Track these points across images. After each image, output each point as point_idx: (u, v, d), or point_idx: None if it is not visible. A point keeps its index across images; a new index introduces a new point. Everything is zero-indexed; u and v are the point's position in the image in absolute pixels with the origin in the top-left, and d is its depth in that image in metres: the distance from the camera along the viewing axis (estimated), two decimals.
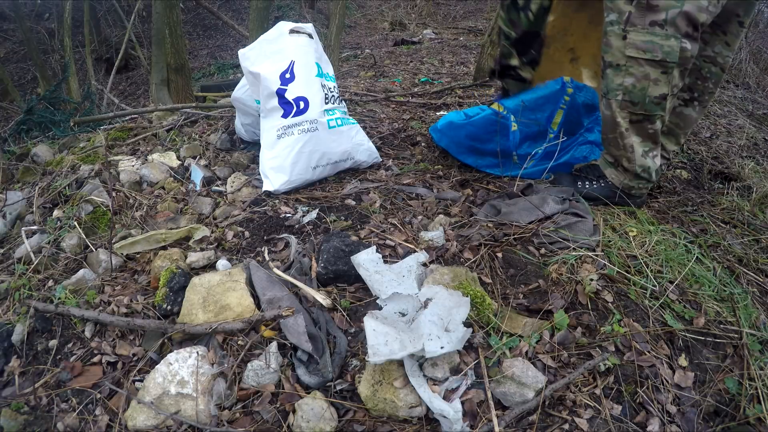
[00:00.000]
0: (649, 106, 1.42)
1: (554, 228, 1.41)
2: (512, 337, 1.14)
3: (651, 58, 1.36)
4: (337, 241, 1.35)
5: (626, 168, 1.56)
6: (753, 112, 3.37)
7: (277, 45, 1.78)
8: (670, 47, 1.34)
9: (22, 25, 6.82)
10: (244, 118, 2.16)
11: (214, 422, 1.03)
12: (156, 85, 4.43)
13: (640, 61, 1.38)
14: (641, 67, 1.38)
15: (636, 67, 1.39)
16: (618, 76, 1.42)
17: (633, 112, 1.45)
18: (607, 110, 1.50)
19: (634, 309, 1.21)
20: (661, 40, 1.34)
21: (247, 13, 7.88)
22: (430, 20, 8.24)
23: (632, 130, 1.49)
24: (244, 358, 1.12)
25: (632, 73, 1.40)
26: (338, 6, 4.50)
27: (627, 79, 1.41)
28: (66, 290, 1.35)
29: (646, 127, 1.48)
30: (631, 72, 1.40)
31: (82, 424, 1.07)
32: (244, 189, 1.80)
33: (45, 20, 9.00)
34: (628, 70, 1.40)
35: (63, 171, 2.05)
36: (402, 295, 1.16)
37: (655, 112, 1.43)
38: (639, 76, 1.39)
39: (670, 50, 1.35)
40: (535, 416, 1.00)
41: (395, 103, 2.94)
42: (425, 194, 1.72)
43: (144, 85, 7.99)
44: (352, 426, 1.01)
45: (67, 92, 5.52)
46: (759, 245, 1.57)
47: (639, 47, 1.37)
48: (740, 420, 1.03)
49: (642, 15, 1.36)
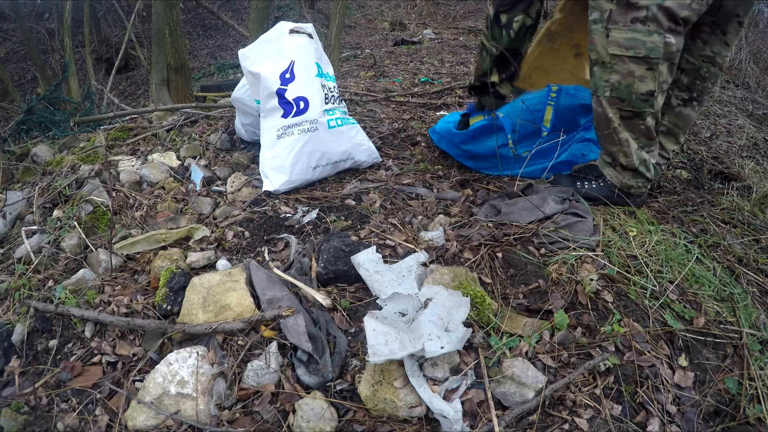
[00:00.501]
0: (637, 103, 1.42)
1: (554, 228, 1.41)
2: (512, 337, 1.14)
3: (634, 55, 1.37)
4: (337, 241, 1.35)
5: (624, 165, 1.56)
6: (753, 112, 3.37)
7: (277, 45, 1.78)
8: (654, 43, 1.34)
9: (22, 25, 6.82)
10: (244, 118, 2.16)
11: (214, 422, 1.03)
12: (156, 85, 4.43)
13: (623, 58, 1.38)
14: (625, 64, 1.39)
15: (620, 64, 1.39)
16: (604, 73, 1.43)
17: (622, 109, 1.45)
18: (598, 107, 1.51)
19: (634, 309, 1.21)
20: (643, 36, 1.34)
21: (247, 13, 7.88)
22: (430, 20, 8.23)
23: (624, 126, 1.49)
24: (244, 358, 1.12)
25: (617, 71, 1.40)
26: (338, 6, 4.50)
27: (613, 77, 1.42)
28: (66, 290, 1.35)
29: (637, 123, 1.48)
30: (615, 69, 1.40)
31: (82, 424, 1.07)
32: (244, 189, 1.80)
33: (45, 20, 9.00)
34: (613, 68, 1.40)
35: (63, 171, 2.05)
36: (402, 295, 1.16)
37: (643, 109, 1.44)
38: (624, 73, 1.39)
39: (653, 46, 1.34)
40: (535, 416, 1.00)
41: (395, 103, 2.94)
42: (425, 194, 1.72)
43: (144, 85, 7.99)
44: (352, 426, 1.01)
45: (67, 92, 5.52)
46: (759, 245, 1.57)
47: (621, 45, 1.37)
48: (740, 420, 1.03)
49: (623, 12, 1.36)
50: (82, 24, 6.91)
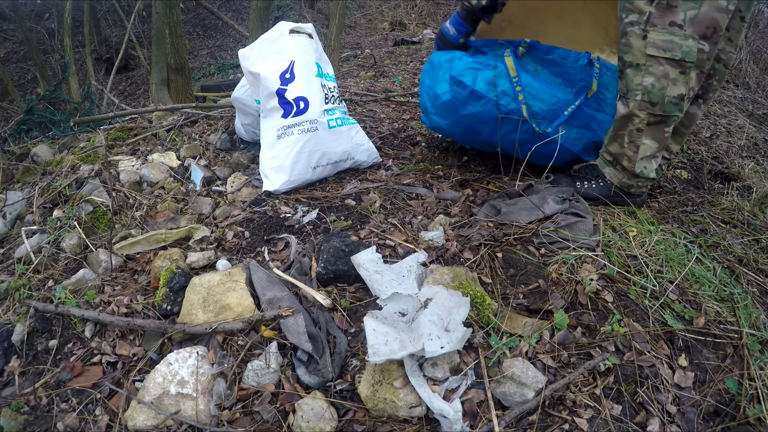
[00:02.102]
0: (668, 107, 1.43)
1: (554, 228, 1.41)
2: (512, 337, 1.14)
3: (671, 57, 1.38)
4: (337, 241, 1.35)
5: (625, 167, 1.56)
6: (753, 112, 3.37)
7: (277, 45, 1.78)
8: (689, 47, 1.37)
9: (22, 25, 6.82)
10: (244, 118, 2.16)
11: (214, 422, 1.03)
12: (156, 85, 4.43)
13: (660, 60, 1.40)
14: (661, 66, 1.40)
15: (656, 66, 1.41)
16: (638, 76, 1.44)
17: (652, 113, 1.46)
18: (624, 109, 1.50)
19: (634, 309, 1.21)
20: (680, 40, 1.37)
21: (247, 13, 7.87)
22: (430, 20, 8.23)
23: (648, 132, 1.49)
24: (244, 358, 1.12)
25: (652, 73, 1.41)
26: (338, 6, 4.50)
27: (647, 79, 1.42)
28: (66, 290, 1.35)
29: (662, 129, 1.49)
30: (651, 71, 1.41)
31: (82, 424, 1.07)
32: (244, 189, 1.80)
33: (45, 20, 9.00)
34: (648, 70, 1.42)
35: (63, 171, 2.05)
36: (402, 295, 1.16)
37: (673, 113, 1.45)
38: (659, 75, 1.41)
39: (688, 50, 1.37)
40: (535, 416, 1.00)
41: (395, 103, 2.94)
42: (425, 194, 1.72)
43: (144, 85, 7.99)
44: (352, 426, 1.01)
45: (67, 92, 5.51)
46: (759, 245, 1.57)
47: (659, 46, 1.39)
48: (740, 420, 1.03)
49: (662, 15, 1.38)
50: (82, 24, 6.91)
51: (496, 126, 1.67)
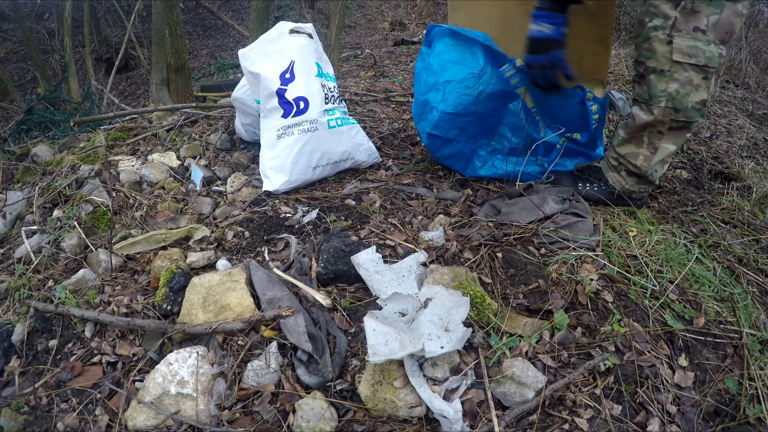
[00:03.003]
0: (691, 113, 1.43)
1: (554, 228, 1.41)
2: (512, 337, 1.14)
3: (695, 63, 1.37)
4: (337, 241, 1.35)
5: (631, 171, 1.56)
6: (753, 112, 3.36)
7: (277, 45, 1.78)
8: (711, 53, 1.36)
9: (22, 25, 6.82)
10: (244, 118, 2.16)
11: (214, 422, 1.03)
12: (156, 85, 4.44)
13: (685, 65, 1.38)
14: (686, 72, 1.39)
15: (681, 72, 1.39)
16: (662, 82, 1.42)
17: (675, 119, 1.44)
18: (647, 115, 1.47)
19: (634, 309, 1.21)
20: (703, 45, 1.36)
21: (247, 13, 7.88)
22: (430, 20, 8.23)
23: (669, 135, 1.49)
24: (244, 358, 1.12)
25: (677, 79, 1.40)
26: (338, 6, 4.50)
27: (671, 85, 1.41)
28: (66, 290, 1.35)
29: (683, 134, 1.49)
30: (675, 77, 1.40)
31: (82, 424, 1.07)
32: (244, 189, 1.80)
33: (45, 20, 9.00)
34: (673, 75, 1.40)
35: (63, 171, 2.05)
36: (402, 295, 1.16)
37: (695, 119, 1.44)
38: (683, 81, 1.40)
39: (711, 56, 1.37)
40: (535, 416, 1.00)
41: (395, 103, 2.94)
42: (425, 194, 1.72)
43: (144, 85, 7.99)
44: (352, 426, 1.01)
45: (67, 92, 5.51)
46: (759, 245, 1.57)
47: (685, 52, 1.37)
48: (740, 420, 1.03)
49: (686, 20, 1.37)
50: (82, 24, 6.91)
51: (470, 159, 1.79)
